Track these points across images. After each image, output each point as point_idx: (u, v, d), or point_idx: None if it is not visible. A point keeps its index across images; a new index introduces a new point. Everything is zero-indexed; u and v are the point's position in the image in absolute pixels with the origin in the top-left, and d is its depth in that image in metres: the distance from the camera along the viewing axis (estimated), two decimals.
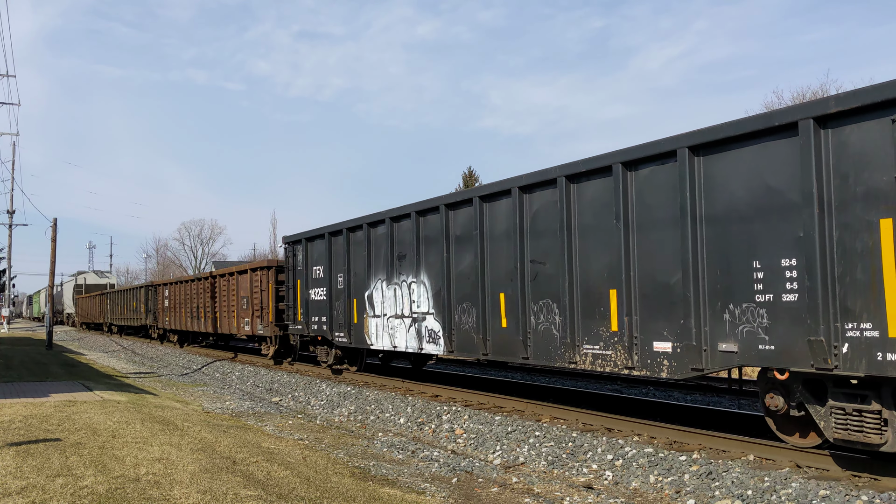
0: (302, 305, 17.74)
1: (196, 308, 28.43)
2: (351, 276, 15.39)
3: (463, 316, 11.75)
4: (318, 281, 16.93)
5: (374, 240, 14.52)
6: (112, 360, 27.53)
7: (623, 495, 7.69)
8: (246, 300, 22.77)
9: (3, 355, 25.68)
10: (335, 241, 16.18)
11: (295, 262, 18.22)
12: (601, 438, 9.34)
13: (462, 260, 11.80)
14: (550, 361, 9.97)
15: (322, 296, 16.69)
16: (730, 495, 7.11)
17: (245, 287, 22.96)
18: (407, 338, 13.39)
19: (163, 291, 34.08)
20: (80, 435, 9.34)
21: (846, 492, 6.59)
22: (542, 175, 10.03)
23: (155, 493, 6.50)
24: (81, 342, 41.88)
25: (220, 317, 25.44)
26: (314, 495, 6.73)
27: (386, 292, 14.00)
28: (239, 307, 23.43)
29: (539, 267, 10.14)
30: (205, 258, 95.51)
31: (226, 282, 24.89)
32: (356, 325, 15.18)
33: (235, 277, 23.85)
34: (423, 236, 12.84)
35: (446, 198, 12.22)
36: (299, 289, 17.94)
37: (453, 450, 10.36)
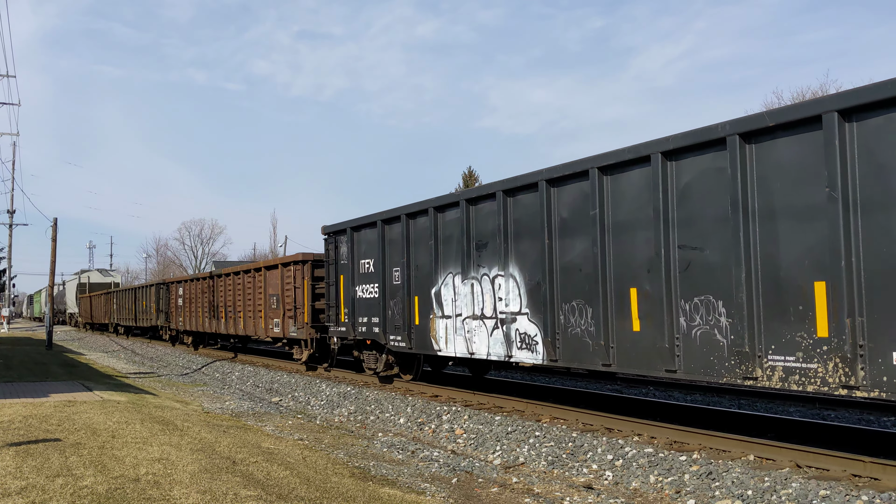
0: (346, 304, 15.70)
1: (215, 308, 26.00)
2: (411, 270, 13.36)
3: (571, 317, 9.73)
4: (368, 276, 14.91)
5: (443, 227, 12.44)
6: (112, 360, 27.53)
7: (623, 495, 7.68)
8: (276, 299, 20.36)
9: (3, 355, 25.68)
10: (390, 230, 14.15)
11: (337, 256, 16.15)
12: (601, 438, 9.34)
13: (570, 248, 9.77)
14: (713, 375, 7.83)
15: (373, 293, 14.72)
16: (730, 495, 7.11)
17: (275, 284, 20.53)
18: (490, 343, 11.28)
19: (176, 290, 31.48)
20: (80, 435, 9.33)
21: (846, 492, 6.59)
22: (700, 135, 7.91)
23: (155, 494, 6.50)
24: (81, 342, 41.88)
25: (244, 317, 23.03)
26: (314, 495, 6.73)
27: (460, 288, 11.96)
28: (267, 306, 21.03)
29: (693, 254, 8.04)
30: (205, 258, 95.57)
31: (251, 279, 22.51)
32: (418, 328, 13.16)
33: (263, 274, 21.35)
34: (514, 220, 10.78)
35: (548, 172, 10.03)
36: (343, 286, 15.92)
37: (453, 450, 10.36)
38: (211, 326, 26.48)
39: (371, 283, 14.79)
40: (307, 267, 18.91)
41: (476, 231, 11.66)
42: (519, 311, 10.69)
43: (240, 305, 23.41)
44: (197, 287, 28.29)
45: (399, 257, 13.68)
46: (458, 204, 11.99)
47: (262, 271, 21.45)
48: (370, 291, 14.86)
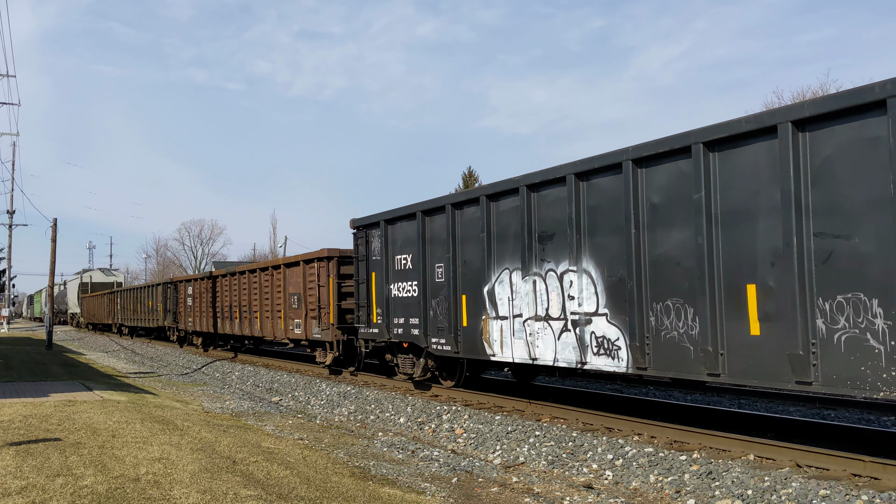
0: (379, 304, 14.45)
1: (228, 307, 24.51)
2: (457, 265, 12.14)
3: (666, 318, 8.42)
4: (405, 273, 13.63)
5: (497, 217, 11.24)
6: (112, 359, 27.53)
7: (623, 495, 7.69)
8: (297, 298, 18.92)
9: (3, 355, 25.68)
10: (431, 222, 12.91)
11: (369, 251, 14.86)
12: (601, 438, 9.34)
13: (664, 238, 8.47)
14: (863, 389, 6.64)
15: (411, 292, 13.46)
16: (730, 495, 7.11)
17: (296, 282, 19.07)
18: (557, 348, 10.03)
19: (185, 289, 29.91)
20: (80, 435, 9.33)
21: (846, 492, 6.59)
22: (847, 99, 6.73)
23: (155, 493, 6.50)
24: (81, 342, 41.89)
25: (261, 318, 21.53)
26: (314, 495, 6.73)
27: (519, 286, 10.70)
28: (287, 306, 19.59)
29: (836, 243, 6.85)
30: (205, 258, 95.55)
31: (269, 277, 21.02)
32: (466, 330, 11.94)
33: (283, 271, 19.89)
34: (588, 208, 9.57)
35: (635, 151, 8.77)
36: (375, 284, 14.66)
37: (453, 449, 10.36)
38: (224, 327, 25.10)
39: (409, 280, 13.53)
40: (333, 264, 17.40)
41: (539, 221, 10.37)
42: (595, 311, 9.42)
43: (256, 305, 22.00)
44: (209, 286, 26.75)
45: (443, 252, 12.47)
46: (517, 191, 10.67)
47: (282, 269, 20.04)
48: (408, 290, 13.60)
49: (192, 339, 30.05)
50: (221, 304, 25.27)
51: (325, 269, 17.62)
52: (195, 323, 28.48)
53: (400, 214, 13.82)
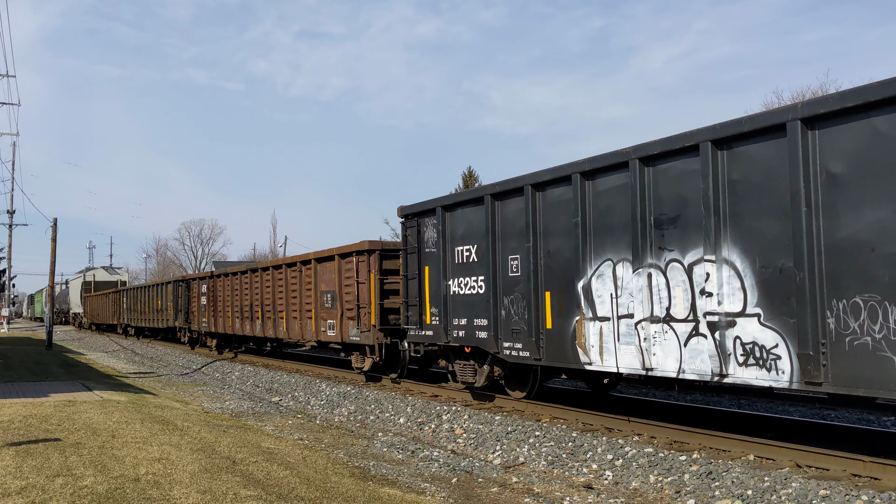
0: (435, 302, 12.75)
1: (249, 307, 22.53)
2: (538, 257, 10.46)
3: (852, 320, 6.76)
4: (468, 267, 11.95)
5: (595, 198, 9.58)
6: (112, 359, 27.53)
7: (623, 495, 7.69)
8: (330, 296, 17.06)
9: (2, 355, 25.69)
10: (504, 207, 11.22)
11: (421, 242, 13.17)
12: (601, 438, 9.34)
13: (849, 218, 6.81)
14: None
15: (475, 288, 11.75)
16: (730, 495, 7.11)
17: (329, 279, 17.21)
18: (684, 356, 8.34)
19: (199, 287, 27.96)
20: (80, 435, 9.34)
21: (846, 492, 6.59)
22: None
23: (155, 493, 6.50)
24: (81, 342, 41.89)
25: (287, 318, 19.62)
26: (314, 495, 6.73)
27: (628, 281, 9.01)
28: (319, 305, 17.70)
29: None
30: (205, 258, 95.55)
31: (296, 273, 19.08)
32: (552, 333, 10.22)
33: (313, 267, 17.99)
34: (730, 182, 7.89)
35: (806, 107, 7.11)
36: (429, 279, 12.94)
37: (453, 450, 10.36)
38: (243, 328, 23.10)
39: (472, 275, 11.86)
40: (374, 258, 15.43)
41: (656, 201, 8.69)
42: (742, 310, 7.76)
43: (281, 305, 20.05)
44: (226, 284, 24.82)
45: (519, 242, 10.83)
46: (626, 166, 9.00)
47: (312, 264, 18.12)
48: (471, 286, 11.89)
49: (206, 340, 28.11)
50: (241, 304, 23.26)
51: (364, 264, 15.70)
52: (210, 323, 26.51)
53: (462, 199, 12.24)
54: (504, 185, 11.20)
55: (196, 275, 29.90)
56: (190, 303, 29.21)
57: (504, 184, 11.21)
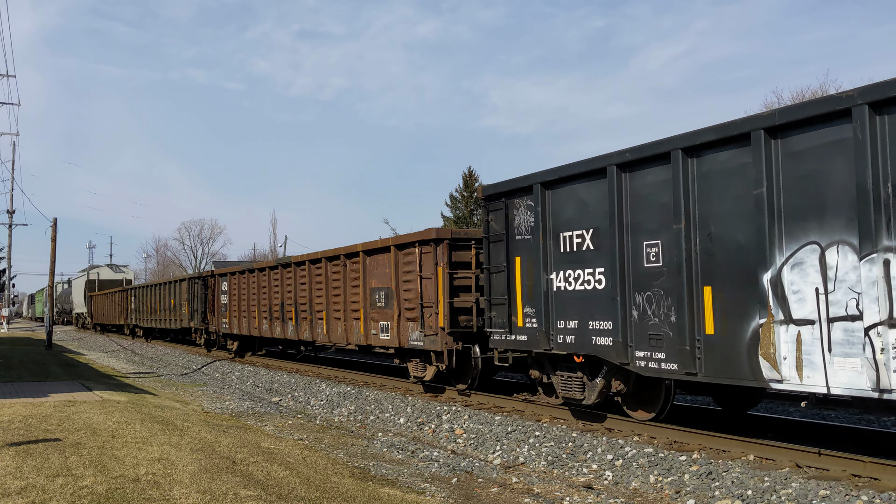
0: (530, 301, 10.66)
1: (280, 306, 20.15)
2: (692, 241, 8.36)
3: None
4: (579, 256, 9.85)
5: (789, 161, 7.42)
6: (112, 360, 27.54)
7: (623, 495, 7.69)
8: (384, 294, 14.88)
9: (2, 355, 25.69)
10: (635, 180, 9.11)
11: (510, 228, 11.11)
12: (601, 438, 9.34)
13: None
14: None
15: (592, 283, 9.65)
16: (730, 495, 7.12)
17: (382, 274, 15.01)
18: None
19: (219, 284, 25.49)
20: (80, 435, 9.33)
21: (846, 492, 6.59)
22: None
23: (154, 494, 6.50)
24: (81, 342, 41.89)
25: (328, 319, 17.28)
26: (314, 495, 6.73)
27: (847, 270, 6.92)
28: (368, 304, 15.46)
29: None
30: (205, 258, 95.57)
31: (338, 268, 16.79)
32: (716, 339, 8.09)
33: (361, 261, 15.71)
34: None
35: None
36: (520, 272, 10.88)
37: (453, 450, 10.36)
38: (272, 330, 20.78)
39: (586, 266, 9.69)
40: (443, 249, 13.08)
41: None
42: None
43: (320, 304, 17.67)
44: (251, 281, 22.30)
45: (661, 223, 8.76)
46: (844, 115, 6.92)
47: (360, 258, 15.77)
48: (585, 280, 9.78)
49: (226, 343, 25.75)
50: (270, 303, 20.85)
51: (430, 256, 13.32)
52: (231, 325, 24.15)
53: (572, 173, 9.93)
54: (638, 151, 8.97)
55: (218, 270, 26.63)
56: (208, 302, 26.73)
57: (638, 150, 8.97)
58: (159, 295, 33.59)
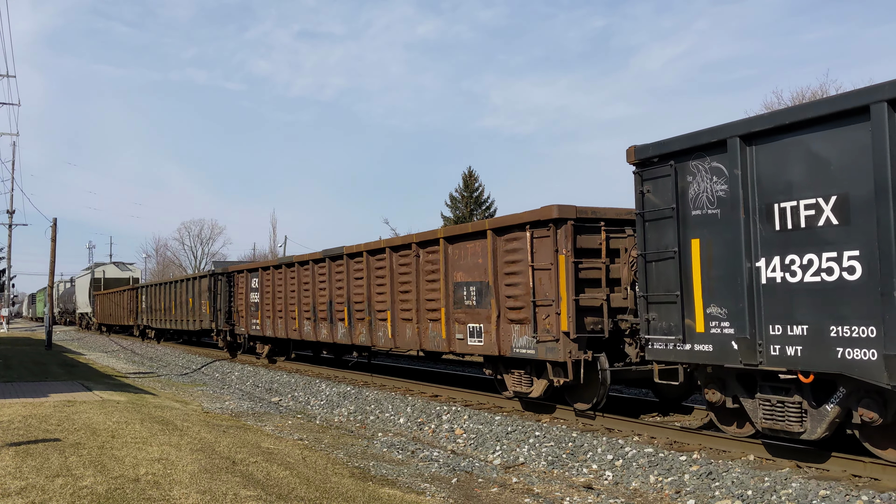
0: (714, 298, 8.05)
1: (327, 305, 17.00)
2: None
3: None
4: (811, 236, 7.18)
5: None
6: (111, 360, 27.53)
7: (623, 495, 7.69)
8: (475, 290, 12.09)
9: (2, 355, 25.69)
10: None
11: (681, 201, 8.45)
12: (601, 438, 9.34)
13: None
14: None
15: (836, 271, 6.97)
16: (730, 495, 7.11)
17: (472, 265, 12.18)
18: None
19: (247, 281, 22.33)
20: (80, 435, 9.33)
21: (846, 492, 6.59)
22: None
23: (154, 494, 6.50)
24: (81, 342, 41.88)
25: (393, 320, 14.30)
26: (314, 495, 6.73)
27: None
28: (451, 303, 12.64)
29: None
30: (205, 258, 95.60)
31: (408, 259, 13.86)
32: None
33: (441, 250, 12.81)
34: None
35: None
36: (701, 260, 8.25)
37: (453, 450, 10.36)
38: (316, 333, 17.64)
39: (826, 247, 7.00)
40: (566, 232, 10.32)
41: None
42: None
43: (382, 302, 14.73)
44: (289, 277, 19.34)
45: None
46: None
47: (441, 246, 12.78)
48: (824, 268, 7.05)
49: (255, 346, 23.02)
50: (313, 301, 17.74)
51: (547, 241, 10.57)
52: (263, 326, 21.09)
53: (797, 119, 7.26)
54: None
55: (246, 265, 23.32)
56: (232, 301, 23.81)
57: None
58: (175, 293, 30.67)
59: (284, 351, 22.12)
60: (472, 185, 49.19)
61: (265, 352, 22.25)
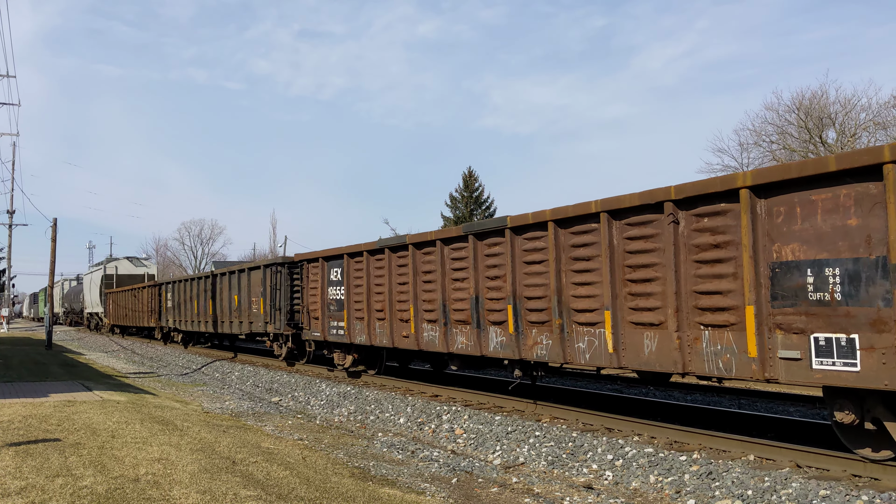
0: None
1: (473, 303, 11.84)
2: None
3: None
4: None
5: None
6: (111, 360, 27.52)
7: (623, 495, 7.69)
8: (839, 274, 6.92)
9: (2, 355, 25.69)
10: None
11: None
12: (601, 438, 9.34)
13: None
14: None
15: None
16: (730, 495, 7.11)
17: (831, 232, 7.00)
18: None
19: (323, 272, 17.07)
20: (80, 435, 9.33)
21: (846, 492, 6.59)
22: None
23: (154, 494, 6.50)
24: (81, 342, 41.87)
25: (615, 324, 9.34)
26: (314, 496, 6.73)
27: None
28: (766, 298, 7.55)
29: None
30: (205, 258, 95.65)
31: (647, 230, 8.93)
32: None
33: (747, 208, 7.68)
34: None
35: None
36: None
37: (453, 450, 10.36)
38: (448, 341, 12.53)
39: None
40: None
41: None
42: None
43: (587, 297, 9.78)
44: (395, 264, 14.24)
45: None
46: None
47: (745, 201, 7.72)
48: None
49: (335, 356, 17.42)
50: (443, 297, 12.62)
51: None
52: (351, 330, 15.79)
53: None
54: None
55: (319, 254, 17.31)
56: (297, 297, 19.28)
57: None
58: (213, 290, 25.40)
59: (374, 363, 17.19)
60: (472, 185, 49.22)
61: (346, 363, 17.02)
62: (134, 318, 38.82)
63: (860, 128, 35.89)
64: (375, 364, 17.12)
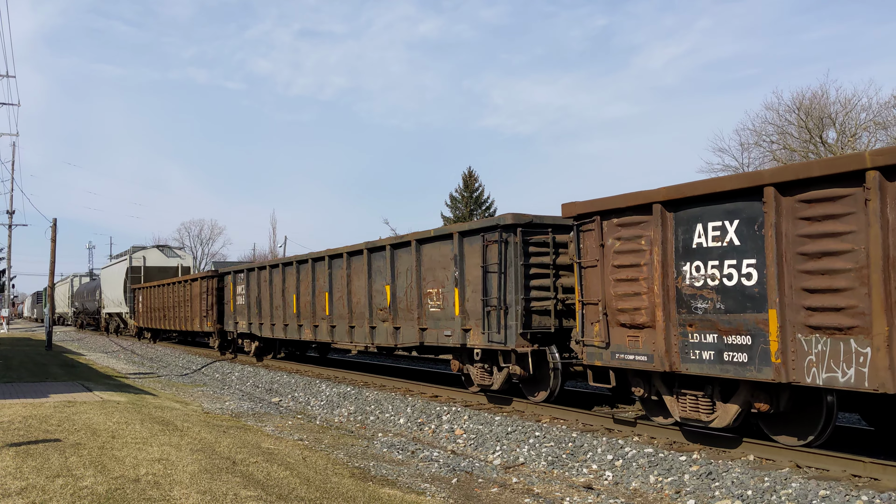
0: None
1: None
2: None
3: None
4: None
5: None
6: (111, 360, 27.53)
7: (623, 495, 7.69)
8: None
9: (2, 356, 25.69)
10: None
11: None
12: (601, 439, 9.34)
13: None
14: None
15: None
16: (730, 495, 7.12)
17: None
18: None
19: (606, 235, 9.33)
20: (80, 435, 9.34)
21: (846, 492, 6.59)
22: None
23: (154, 494, 6.50)
24: (81, 343, 41.86)
25: None
26: (314, 496, 6.73)
27: None
28: None
29: None
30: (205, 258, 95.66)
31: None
32: None
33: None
34: None
35: None
36: None
37: (453, 450, 10.36)
38: None
39: None
40: None
41: None
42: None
43: None
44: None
45: None
46: None
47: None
48: None
49: (652, 392, 9.36)
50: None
51: None
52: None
53: None
54: None
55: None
56: (519, 287, 11.20)
57: None
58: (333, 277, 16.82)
59: None
60: (472, 185, 49.23)
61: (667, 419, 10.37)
62: (174, 320, 30.06)
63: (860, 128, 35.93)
64: None
